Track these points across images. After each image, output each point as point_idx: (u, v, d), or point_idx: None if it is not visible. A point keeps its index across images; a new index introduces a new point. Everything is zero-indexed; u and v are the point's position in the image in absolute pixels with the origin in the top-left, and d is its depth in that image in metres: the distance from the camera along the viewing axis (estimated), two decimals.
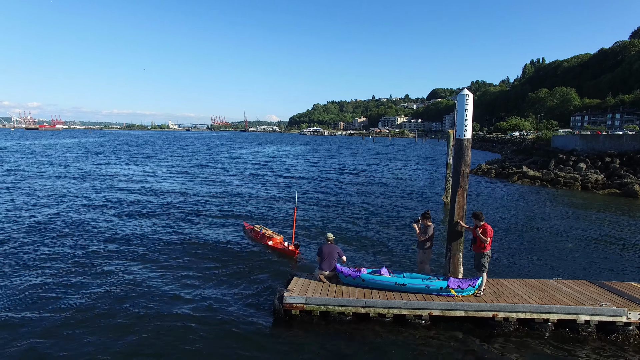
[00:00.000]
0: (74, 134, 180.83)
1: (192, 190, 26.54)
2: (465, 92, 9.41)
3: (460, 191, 9.52)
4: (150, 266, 11.82)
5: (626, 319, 8.09)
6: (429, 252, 9.90)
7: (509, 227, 17.66)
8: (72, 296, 9.66)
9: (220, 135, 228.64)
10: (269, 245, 13.71)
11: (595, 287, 9.43)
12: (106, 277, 10.90)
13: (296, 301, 8.56)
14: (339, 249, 9.72)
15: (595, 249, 14.68)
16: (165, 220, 17.65)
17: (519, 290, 9.13)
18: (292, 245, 13.03)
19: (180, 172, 38.31)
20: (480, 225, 8.98)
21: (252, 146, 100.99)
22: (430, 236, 9.69)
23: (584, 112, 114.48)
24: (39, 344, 7.58)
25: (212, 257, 12.84)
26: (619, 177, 30.09)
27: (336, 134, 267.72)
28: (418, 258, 10.04)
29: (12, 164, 40.78)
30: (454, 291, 8.65)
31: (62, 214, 18.07)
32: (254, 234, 15.07)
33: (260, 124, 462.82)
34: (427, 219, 9.73)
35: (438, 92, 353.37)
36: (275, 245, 13.58)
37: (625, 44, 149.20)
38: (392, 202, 23.42)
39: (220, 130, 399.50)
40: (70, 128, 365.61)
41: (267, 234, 14.48)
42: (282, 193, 26.22)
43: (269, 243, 13.77)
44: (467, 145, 9.44)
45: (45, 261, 11.97)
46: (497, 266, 12.11)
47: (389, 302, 8.45)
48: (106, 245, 13.74)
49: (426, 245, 9.76)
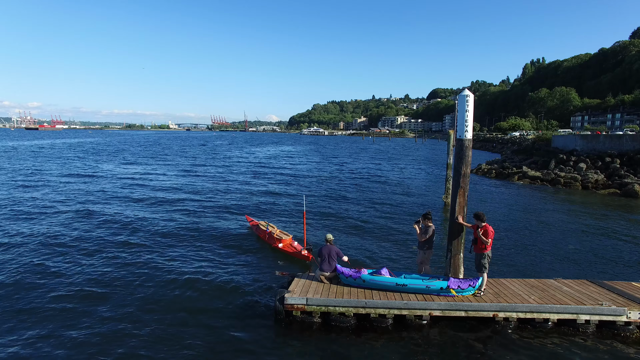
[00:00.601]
0: (75, 134, 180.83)
1: (197, 187, 26.78)
2: (466, 92, 9.41)
3: (461, 191, 9.53)
4: (149, 264, 11.84)
5: (626, 318, 8.11)
6: (430, 253, 9.91)
7: (509, 227, 17.68)
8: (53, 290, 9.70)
9: (220, 135, 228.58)
10: (279, 248, 13.06)
11: (595, 287, 9.45)
12: (100, 274, 10.94)
13: (297, 302, 8.57)
14: (338, 249, 9.73)
15: (595, 248, 14.69)
16: (171, 216, 17.69)
17: (519, 290, 9.15)
18: (305, 250, 12.37)
19: (186, 170, 38.63)
20: (481, 226, 8.98)
21: (254, 146, 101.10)
22: (431, 237, 9.71)
23: (584, 112, 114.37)
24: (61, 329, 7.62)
25: (213, 255, 12.87)
26: (619, 177, 30.09)
27: (336, 134, 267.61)
28: (418, 258, 10.06)
29: (26, 163, 40.85)
30: (454, 291, 8.67)
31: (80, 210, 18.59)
32: (259, 232, 14.44)
33: (260, 124, 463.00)
34: (428, 219, 9.75)
35: (438, 92, 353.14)
36: (286, 248, 12.97)
37: (625, 44, 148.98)
38: (392, 202, 23.42)
39: (220, 130, 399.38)
40: (70, 128, 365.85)
41: (276, 234, 13.64)
42: (286, 191, 26.24)
43: (279, 246, 13.12)
44: (467, 145, 9.45)
45: (69, 247, 12.05)
46: (498, 266, 12.13)
47: (389, 302, 8.46)
48: (103, 237, 13.79)
49: (426, 246, 9.78)
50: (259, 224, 14.88)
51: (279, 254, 13.17)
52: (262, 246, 14.07)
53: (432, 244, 9.85)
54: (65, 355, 7.36)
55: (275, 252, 13.37)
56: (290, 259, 12.72)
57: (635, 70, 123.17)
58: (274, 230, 13.82)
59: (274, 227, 14.19)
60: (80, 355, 7.37)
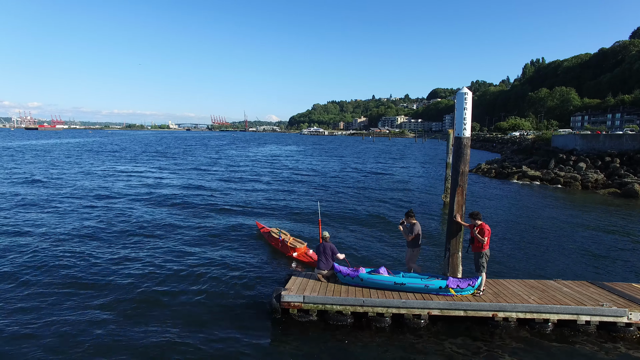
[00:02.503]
0: (75, 134, 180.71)
1: (204, 187, 26.76)
2: (464, 90, 9.29)
3: (459, 190, 9.44)
4: (149, 260, 11.76)
5: (627, 320, 8.01)
6: (417, 251, 9.76)
7: (509, 227, 17.58)
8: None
9: (221, 135, 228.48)
10: (293, 257, 12.36)
11: (595, 288, 9.35)
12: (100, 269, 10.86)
13: (294, 300, 8.48)
14: (333, 247, 9.62)
15: (595, 249, 14.59)
16: (170, 214, 17.61)
17: (519, 290, 9.05)
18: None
19: (191, 169, 38.61)
20: (477, 225, 8.89)
21: (255, 146, 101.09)
22: (417, 234, 9.55)
23: (584, 112, 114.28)
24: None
25: (211, 253, 12.79)
26: (619, 176, 30.00)
27: (336, 134, 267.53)
28: (406, 257, 9.96)
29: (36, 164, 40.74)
30: (453, 291, 8.57)
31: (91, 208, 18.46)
32: (271, 240, 13.77)
33: (260, 124, 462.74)
34: (411, 217, 9.60)
35: (438, 92, 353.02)
36: (301, 257, 12.27)
37: (625, 44, 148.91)
38: (391, 202, 23.33)
39: (220, 130, 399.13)
40: (70, 128, 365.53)
41: (290, 242, 12.86)
42: (292, 191, 26.14)
43: (293, 255, 12.43)
44: (466, 143, 9.35)
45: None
46: (497, 266, 12.04)
47: (387, 301, 8.38)
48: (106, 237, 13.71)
49: (414, 244, 9.64)
50: (271, 231, 14.21)
51: (276, 251, 13.11)
52: (260, 244, 14.00)
53: (419, 242, 9.70)
54: (58, 348, 7.28)
55: (273, 250, 13.31)
56: (280, 253, 12.65)
57: (635, 70, 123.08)
58: (287, 238, 13.06)
59: (286, 234, 13.49)
60: (75, 348, 7.30)
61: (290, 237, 13.30)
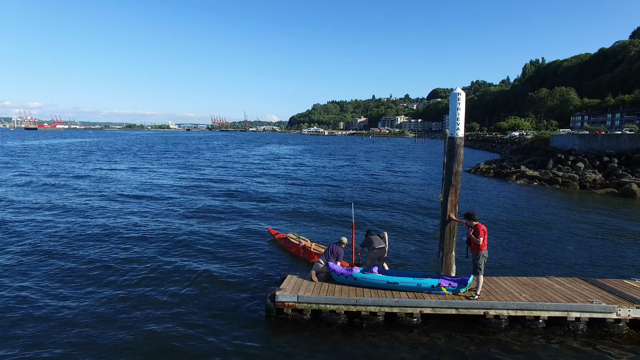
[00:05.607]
0: (75, 134, 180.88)
1: (203, 186, 26.87)
2: (457, 90, 9.40)
3: (452, 189, 9.55)
4: (146, 260, 11.87)
5: (616, 316, 8.12)
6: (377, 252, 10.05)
7: (506, 226, 17.68)
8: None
9: (221, 135, 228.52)
10: None
11: (587, 285, 9.45)
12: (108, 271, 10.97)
13: (288, 300, 8.58)
14: (341, 254, 9.77)
15: (591, 247, 14.70)
16: (170, 213, 17.71)
17: (511, 288, 9.15)
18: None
19: (191, 169, 38.72)
20: (472, 226, 8.85)
21: (257, 146, 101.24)
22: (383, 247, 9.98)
23: (584, 112, 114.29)
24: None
25: (209, 253, 12.90)
26: (617, 176, 30.08)
27: (336, 134, 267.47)
28: (374, 256, 10.07)
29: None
30: (445, 289, 8.68)
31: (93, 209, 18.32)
32: (290, 246, 13.02)
33: (261, 124, 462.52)
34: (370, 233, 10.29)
35: (438, 92, 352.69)
36: None
37: (625, 44, 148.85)
38: (391, 201, 23.42)
39: (220, 130, 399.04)
40: (70, 128, 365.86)
41: (312, 248, 12.21)
42: (298, 192, 26.22)
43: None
44: (459, 143, 9.45)
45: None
46: (492, 264, 12.12)
47: (380, 300, 8.48)
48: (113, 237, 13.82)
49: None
50: (288, 237, 13.49)
51: (277, 251, 13.17)
52: (256, 245, 14.09)
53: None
54: (58, 348, 7.39)
55: (268, 251, 13.40)
56: (279, 253, 12.62)
57: (635, 70, 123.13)
58: (309, 244, 12.45)
59: (306, 240, 12.97)
60: (72, 348, 7.40)
61: (312, 242, 12.84)
